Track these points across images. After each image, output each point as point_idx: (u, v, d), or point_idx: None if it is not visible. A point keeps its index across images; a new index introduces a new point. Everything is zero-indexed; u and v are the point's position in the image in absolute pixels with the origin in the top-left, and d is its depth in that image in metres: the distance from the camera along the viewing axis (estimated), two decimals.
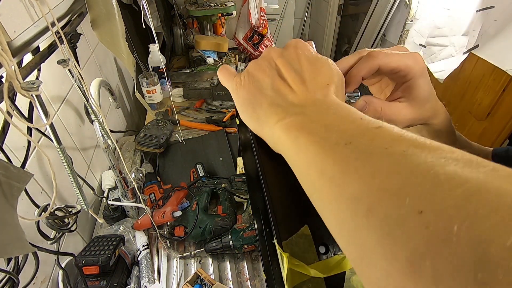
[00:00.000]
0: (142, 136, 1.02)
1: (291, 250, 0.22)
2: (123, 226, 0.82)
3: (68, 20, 0.59)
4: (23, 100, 0.53)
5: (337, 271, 0.21)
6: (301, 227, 0.21)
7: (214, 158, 1.02)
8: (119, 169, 0.76)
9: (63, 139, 0.75)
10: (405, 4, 1.70)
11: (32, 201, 0.54)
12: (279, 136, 0.23)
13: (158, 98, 1.25)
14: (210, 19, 1.64)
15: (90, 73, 0.97)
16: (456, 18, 1.38)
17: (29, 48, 0.44)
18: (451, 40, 1.43)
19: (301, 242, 0.19)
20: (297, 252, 0.22)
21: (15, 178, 0.33)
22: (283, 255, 0.21)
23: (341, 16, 2.50)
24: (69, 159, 0.53)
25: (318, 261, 0.22)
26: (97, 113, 0.65)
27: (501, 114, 1.27)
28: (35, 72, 0.54)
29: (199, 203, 0.81)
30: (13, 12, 0.39)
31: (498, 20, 1.26)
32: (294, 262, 0.21)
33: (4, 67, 0.31)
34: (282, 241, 0.22)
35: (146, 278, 0.70)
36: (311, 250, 0.22)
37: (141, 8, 0.77)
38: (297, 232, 0.22)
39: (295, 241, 0.22)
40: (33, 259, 0.53)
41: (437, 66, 1.53)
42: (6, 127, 0.44)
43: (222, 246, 0.75)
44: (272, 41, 2.28)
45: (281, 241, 0.22)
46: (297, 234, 0.22)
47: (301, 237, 0.23)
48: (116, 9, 0.67)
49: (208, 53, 1.61)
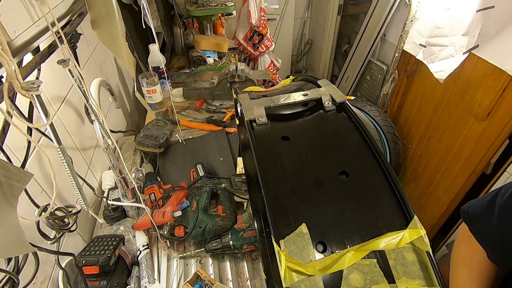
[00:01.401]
0: (142, 136, 1.02)
1: (289, 249, 0.22)
2: (123, 226, 0.82)
3: (68, 20, 0.59)
4: (23, 100, 0.53)
5: (334, 269, 0.21)
6: (299, 225, 0.21)
7: (214, 158, 1.02)
8: (119, 169, 0.76)
9: (63, 139, 0.75)
10: (405, 4, 1.70)
11: (32, 201, 0.54)
12: None
13: (158, 98, 1.25)
14: (210, 19, 1.64)
15: (90, 73, 0.97)
16: (456, 18, 1.38)
17: (29, 48, 0.44)
18: (451, 40, 1.43)
19: (299, 241, 0.19)
20: (294, 250, 0.22)
21: (15, 178, 0.33)
22: (281, 253, 0.21)
23: (341, 16, 2.50)
24: (69, 159, 0.53)
25: (315, 259, 0.22)
26: (97, 113, 0.65)
27: (501, 114, 1.27)
28: (35, 72, 0.54)
29: (199, 203, 0.81)
30: (13, 12, 0.39)
31: (498, 20, 1.26)
32: (292, 261, 0.21)
33: (4, 67, 0.31)
34: (279, 240, 0.22)
35: (146, 278, 0.70)
36: (308, 248, 0.22)
37: (141, 8, 0.77)
38: (295, 231, 0.22)
39: (293, 239, 0.22)
40: (33, 259, 0.53)
41: (437, 66, 1.53)
42: (6, 127, 0.44)
43: (222, 246, 0.75)
44: (272, 41, 2.28)
45: (279, 239, 0.22)
46: (295, 232, 0.22)
47: (298, 236, 0.22)
48: (116, 9, 0.67)
49: (208, 53, 1.61)
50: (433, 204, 1.63)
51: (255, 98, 0.28)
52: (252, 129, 0.26)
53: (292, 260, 0.21)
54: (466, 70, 1.44)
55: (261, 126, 0.25)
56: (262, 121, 0.25)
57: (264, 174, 0.24)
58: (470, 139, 1.45)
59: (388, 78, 1.98)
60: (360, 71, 2.16)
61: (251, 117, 0.26)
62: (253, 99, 0.28)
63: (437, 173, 1.59)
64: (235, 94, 0.32)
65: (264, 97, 0.28)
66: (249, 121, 0.26)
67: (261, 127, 0.25)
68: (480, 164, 1.43)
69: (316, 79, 0.30)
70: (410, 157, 1.73)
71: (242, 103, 0.27)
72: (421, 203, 1.68)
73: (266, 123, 0.23)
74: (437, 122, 1.69)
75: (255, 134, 0.25)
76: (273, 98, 0.27)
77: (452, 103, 1.56)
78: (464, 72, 1.44)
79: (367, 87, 2.22)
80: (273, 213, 0.20)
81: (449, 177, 1.63)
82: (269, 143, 0.22)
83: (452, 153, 1.60)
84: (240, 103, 0.28)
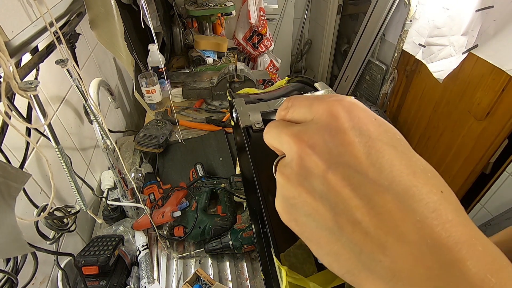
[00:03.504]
0: (141, 136, 1.02)
1: (289, 262, 0.21)
2: (123, 226, 0.82)
3: (66, 20, 0.59)
4: (22, 101, 0.53)
5: (336, 282, 0.21)
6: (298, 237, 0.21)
7: (213, 158, 1.02)
8: (118, 169, 0.76)
9: (63, 139, 0.76)
10: (405, 4, 1.70)
11: (31, 201, 0.54)
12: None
13: (157, 98, 1.25)
14: (209, 19, 1.64)
15: (89, 73, 0.97)
16: (455, 18, 1.38)
17: (28, 48, 0.44)
18: (451, 40, 1.43)
19: (299, 253, 0.18)
20: (295, 264, 0.21)
21: (13, 178, 0.33)
22: (282, 268, 0.21)
23: (340, 16, 2.50)
24: (67, 159, 0.52)
25: (317, 272, 0.21)
26: (96, 113, 0.65)
27: (501, 114, 1.27)
28: (34, 72, 0.54)
29: (199, 203, 0.81)
30: (11, 12, 0.39)
31: (497, 20, 1.26)
32: (293, 275, 0.21)
33: (2, 67, 0.31)
34: (280, 253, 0.21)
35: (146, 278, 0.70)
36: (309, 261, 0.22)
37: (140, 8, 0.77)
38: (295, 243, 0.22)
39: (293, 252, 0.22)
40: (32, 259, 0.53)
41: (437, 66, 1.53)
42: (4, 127, 0.44)
43: (222, 246, 0.74)
44: (272, 41, 2.28)
45: (279, 253, 0.21)
46: (295, 245, 0.22)
47: (299, 248, 0.22)
48: (115, 9, 0.67)
49: (207, 53, 1.61)
50: None
51: (250, 102, 0.27)
52: (249, 136, 0.25)
53: (293, 275, 0.21)
54: (465, 70, 1.44)
55: (258, 132, 0.24)
56: (259, 127, 0.25)
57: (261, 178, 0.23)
58: (470, 138, 1.45)
59: (387, 78, 1.99)
60: (360, 71, 2.16)
61: (247, 124, 0.25)
62: (249, 104, 0.27)
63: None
64: (230, 96, 0.31)
65: (259, 100, 0.28)
66: (245, 127, 0.26)
67: (258, 133, 0.25)
68: (479, 164, 1.44)
69: (312, 82, 0.29)
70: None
71: (237, 109, 0.27)
72: None
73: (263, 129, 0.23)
74: (437, 121, 1.69)
75: (252, 141, 0.24)
76: (269, 103, 0.27)
77: (451, 102, 1.56)
78: (464, 71, 1.45)
79: (367, 87, 2.22)
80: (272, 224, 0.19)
81: (448, 176, 1.63)
82: (266, 149, 0.21)
83: (451, 152, 1.60)
84: (235, 108, 0.28)
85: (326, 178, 0.15)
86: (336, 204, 0.15)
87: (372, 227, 0.14)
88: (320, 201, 0.16)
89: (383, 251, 0.14)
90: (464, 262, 0.13)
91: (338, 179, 0.15)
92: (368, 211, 0.14)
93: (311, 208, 0.16)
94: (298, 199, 0.17)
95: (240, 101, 0.26)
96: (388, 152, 0.15)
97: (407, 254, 0.13)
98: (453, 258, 0.13)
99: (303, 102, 0.18)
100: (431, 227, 0.13)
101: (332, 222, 0.15)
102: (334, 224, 0.15)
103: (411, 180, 0.15)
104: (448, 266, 0.13)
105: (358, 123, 0.16)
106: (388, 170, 0.15)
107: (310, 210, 0.16)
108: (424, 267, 0.13)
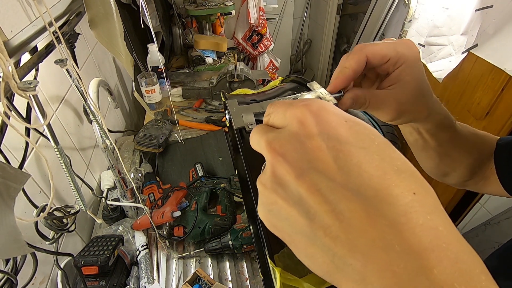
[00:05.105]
0: (141, 136, 1.02)
1: (283, 263, 0.21)
2: (122, 226, 0.81)
3: (66, 20, 0.59)
4: (21, 100, 0.52)
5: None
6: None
7: (213, 158, 1.02)
8: (118, 169, 0.76)
9: (62, 139, 0.75)
10: (404, 4, 1.70)
11: (31, 201, 0.54)
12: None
13: (157, 98, 1.25)
14: (209, 19, 1.64)
15: (89, 73, 0.97)
16: (455, 17, 1.38)
17: (27, 48, 0.44)
18: (450, 40, 1.43)
19: (293, 254, 0.18)
20: (289, 265, 0.21)
21: (12, 178, 0.33)
22: (275, 269, 0.21)
23: (340, 15, 2.50)
24: (66, 159, 0.52)
25: (311, 273, 0.21)
26: (95, 113, 0.64)
27: (500, 114, 1.27)
28: (33, 72, 0.54)
29: (198, 203, 0.81)
30: (10, 11, 0.39)
31: (497, 20, 1.26)
32: (287, 277, 0.21)
33: (1, 67, 0.31)
34: (274, 255, 0.21)
35: (145, 278, 0.70)
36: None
37: (139, 8, 0.77)
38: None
39: (287, 253, 0.22)
40: (31, 260, 0.53)
41: (436, 66, 1.53)
42: (3, 127, 0.44)
43: (222, 246, 0.74)
44: (271, 40, 2.28)
45: (273, 254, 0.21)
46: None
47: None
48: (114, 9, 0.67)
49: (207, 52, 1.61)
50: None
51: (244, 103, 0.27)
52: (242, 137, 0.25)
53: (288, 276, 0.21)
54: (464, 70, 1.44)
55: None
56: (252, 128, 0.25)
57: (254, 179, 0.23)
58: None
59: None
60: None
61: (240, 125, 0.25)
62: (242, 104, 0.27)
63: None
64: (223, 97, 0.31)
65: (253, 101, 0.27)
66: (238, 129, 0.25)
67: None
68: None
69: (305, 81, 0.29)
70: (409, 157, 1.73)
71: (230, 110, 0.26)
72: None
73: None
74: None
75: (245, 142, 0.24)
76: (262, 103, 0.27)
77: (451, 102, 1.56)
78: (463, 71, 1.44)
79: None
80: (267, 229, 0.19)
81: None
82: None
83: None
84: (228, 110, 0.27)
85: (297, 185, 0.16)
86: (308, 210, 0.16)
87: (341, 232, 0.14)
88: (294, 207, 0.16)
89: (353, 255, 0.14)
90: (431, 270, 0.13)
91: (308, 185, 0.16)
92: (337, 216, 0.15)
93: (287, 214, 0.17)
94: (275, 205, 0.17)
95: (233, 102, 0.26)
96: (357, 155, 0.15)
97: (376, 259, 0.13)
98: (421, 264, 0.13)
99: (280, 108, 0.19)
100: (400, 232, 0.13)
101: (306, 227, 0.16)
102: (308, 228, 0.16)
103: (381, 183, 0.15)
104: (415, 273, 0.13)
105: (326, 128, 0.16)
106: (356, 173, 0.15)
107: (286, 215, 0.17)
108: (392, 273, 0.13)
